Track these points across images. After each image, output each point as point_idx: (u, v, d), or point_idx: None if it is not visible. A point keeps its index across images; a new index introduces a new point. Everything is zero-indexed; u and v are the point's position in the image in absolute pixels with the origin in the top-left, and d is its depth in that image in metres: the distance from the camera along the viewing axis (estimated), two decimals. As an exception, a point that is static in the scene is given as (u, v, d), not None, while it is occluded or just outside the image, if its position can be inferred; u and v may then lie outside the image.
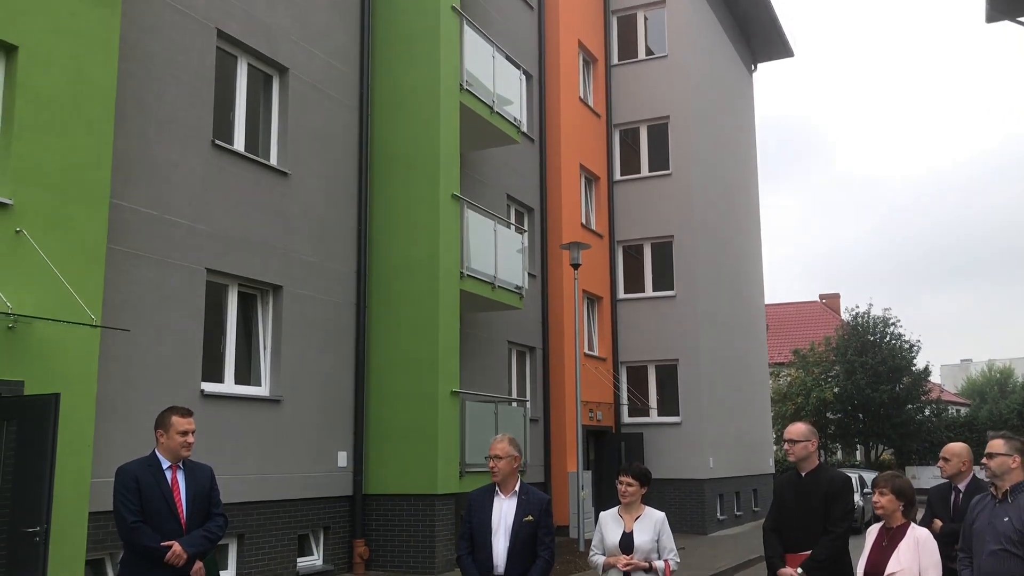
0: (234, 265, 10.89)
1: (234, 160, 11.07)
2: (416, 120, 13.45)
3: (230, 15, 11.16)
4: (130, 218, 9.52)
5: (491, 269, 14.43)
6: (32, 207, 7.90)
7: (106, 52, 8.76)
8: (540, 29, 19.87)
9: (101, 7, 8.73)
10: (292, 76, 12.19)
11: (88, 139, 8.47)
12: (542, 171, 19.28)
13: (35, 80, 8.06)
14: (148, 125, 9.87)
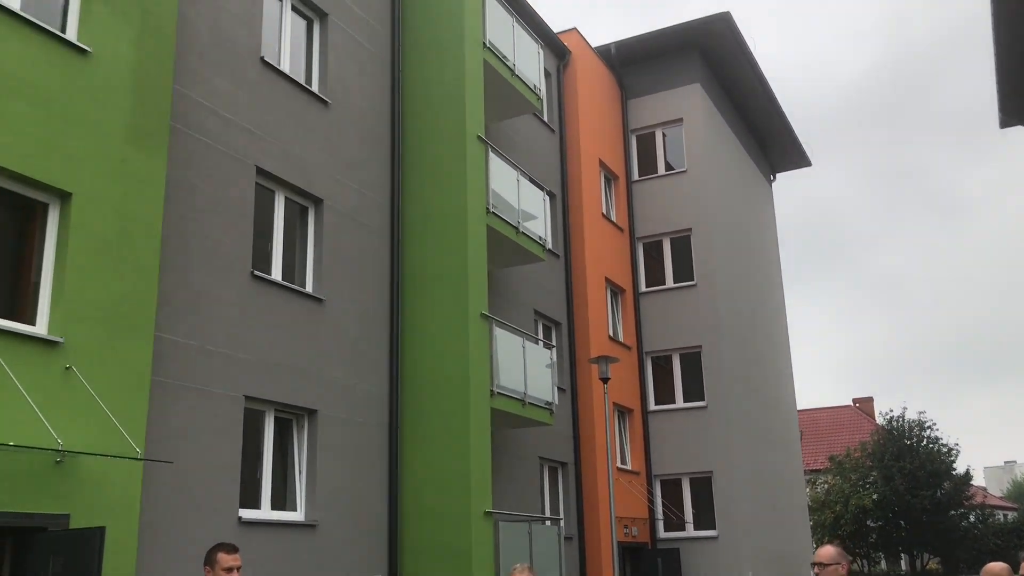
0: (271, 391, 11.15)
1: (272, 289, 11.47)
2: (445, 242, 13.88)
3: (268, 152, 11.75)
4: (172, 350, 9.84)
5: (521, 386, 14.59)
6: (81, 344, 8.25)
7: (153, 193, 9.27)
8: (562, 150, 20.57)
9: (149, 152, 9.29)
10: (326, 207, 12.70)
11: (135, 276, 8.89)
12: (568, 286, 19.63)
13: (87, 223, 8.53)
14: (191, 259, 10.31)
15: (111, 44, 9.11)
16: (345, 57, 13.66)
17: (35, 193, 8.36)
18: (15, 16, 8.23)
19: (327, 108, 13.03)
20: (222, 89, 11.15)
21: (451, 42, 14.70)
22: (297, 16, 13.16)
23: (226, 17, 11.42)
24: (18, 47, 8.21)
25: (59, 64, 8.55)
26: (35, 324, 8.14)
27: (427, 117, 14.56)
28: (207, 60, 10.99)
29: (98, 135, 8.79)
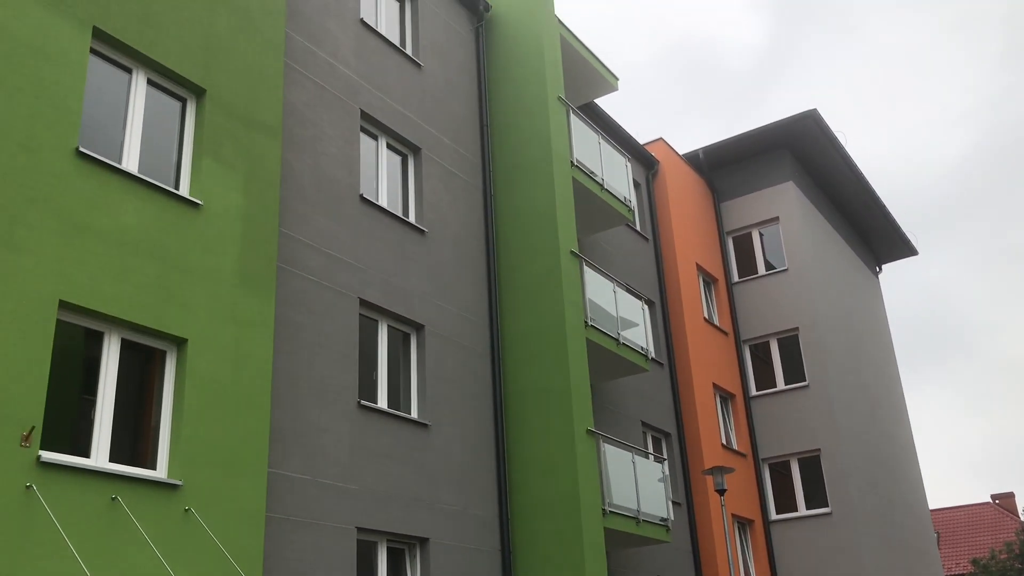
0: (382, 521, 11.16)
1: (378, 417, 11.62)
2: (546, 359, 13.88)
3: (370, 284, 12.11)
4: (285, 485, 10.00)
5: (634, 503, 14.22)
6: (198, 485, 8.47)
7: (263, 333, 9.62)
8: (658, 258, 20.56)
9: (258, 294, 9.69)
10: (428, 332, 12.93)
11: (248, 415, 9.15)
12: (675, 395, 19.27)
13: (202, 367, 8.89)
14: (300, 393, 10.57)
15: (220, 196, 9.67)
16: (439, 187, 14.13)
17: (154, 342, 8.79)
18: (133, 178, 8.84)
19: (424, 237, 13.42)
20: (325, 228, 11.63)
21: (540, 164, 15.07)
22: (392, 153, 13.74)
23: (326, 160, 12.01)
24: (137, 205, 8.78)
25: (173, 218, 9.10)
26: (156, 468, 8.42)
27: (521, 237, 14.84)
28: (309, 201, 11.53)
29: (211, 282, 9.25)
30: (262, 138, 10.42)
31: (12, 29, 8.13)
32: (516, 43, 16.17)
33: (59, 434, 7.85)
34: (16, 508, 7.11)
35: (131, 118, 9.30)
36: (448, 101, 14.99)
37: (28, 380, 7.46)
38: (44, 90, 8.27)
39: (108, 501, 7.76)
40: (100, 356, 8.37)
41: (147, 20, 9.46)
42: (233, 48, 10.39)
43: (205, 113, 9.86)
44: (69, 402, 8.05)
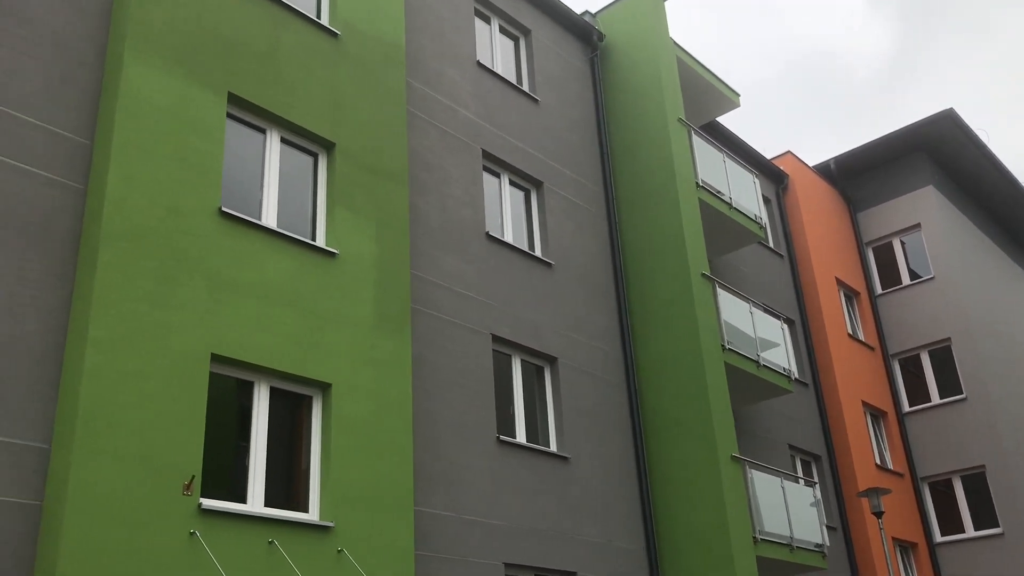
0: (529, 556, 11.14)
1: (518, 452, 11.65)
2: (683, 386, 13.63)
3: (501, 319, 12.23)
4: (432, 523, 10.14)
5: (785, 529, 13.70)
6: (349, 526, 8.69)
7: (401, 374, 9.84)
8: (794, 274, 19.95)
9: (394, 337, 9.93)
10: (561, 364, 12.92)
11: (392, 456, 9.35)
12: (823, 416, 18.54)
13: (346, 411, 9.15)
14: (440, 431, 10.72)
15: (354, 244, 9.99)
16: (563, 218, 14.17)
17: (301, 388, 9.12)
18: (273, 232, 9.25)
19: (551, 269, 13.47)
20: (454, 267, 11.84)
21: (665, 188, 14.92)
22: (515, 189, 13.90)
23: (451, 201, 12.26)
24: (277, 259, 9.18)
25: (312, 268, 9.46)
26: (308, 511, 8.69)
27: (649, 263, 14.69)
28: (438, 242, 11.77)
29: (350, 327, 9.54)
30: (390, 185, 10.74)
31: (157, 101, 8.69)
32: (632, 69, 16.14)
33: (217, 482, 8.22)
34: (182, 554, 7.47)
35: (267, 176, 9.76)
36: (567, 133, 15.07)
37: (186, 431, 7.86)
38: (188, 156, 8.78)
39: (266, 544, 8.05)
40: (251, 404, 8.74)
41: (276, 82, 9.93)
42: (358, 101, 10.77)
43: (336, 165, 10.24)
44: (224, 450, 8.43)
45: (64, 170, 8.28)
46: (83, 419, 7.26)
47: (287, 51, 10.18)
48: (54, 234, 8.03)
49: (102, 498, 7.15)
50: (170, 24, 9.07)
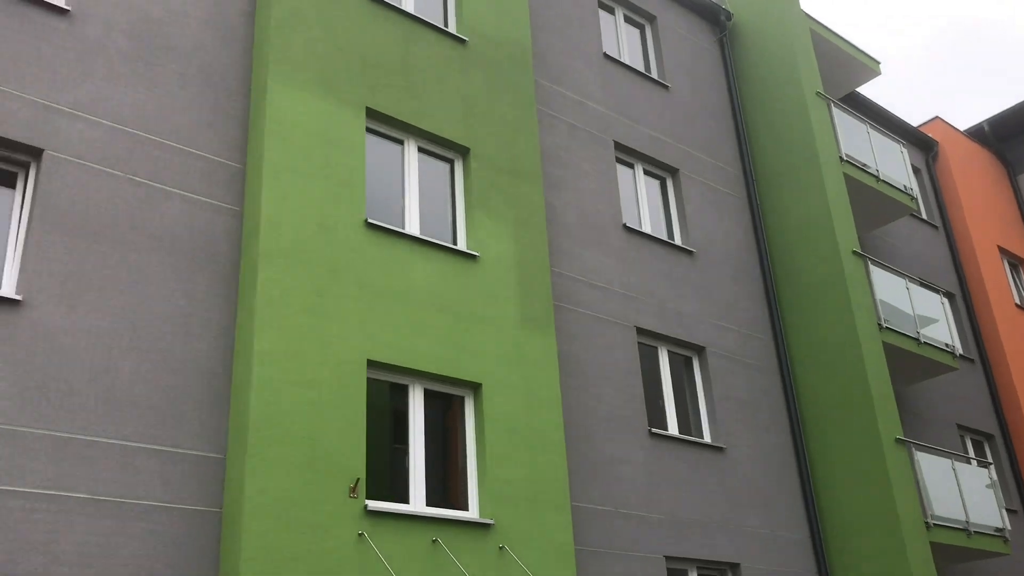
0: (690, 549, 11.00)
1: (671, 444, 11.52)
2: (840, 368, 13.15)
3: (645, 311, 12.12)
4: (589, 518, 10.16)
5: (960, 513, 13.00)
6: (509, 523, 8.82)
7: (549, 372, 9.91)
8: (951, 245, 18.90)
9: (540, 335, 10.01)
10: (709, 353, 12.70)
11: (545, 452, 9.43)
12: (993, 393, 17.48)
13: (498, 409, 9.29)
14: (591, 426, 10.74)
15: (494, 245, 10.13)
16: (702, 205, 13.92)
17: (453, 389, 9.32)
18: (416, 239, 9.49)
19: (693, 257, 13.25)
20: (594, 261, 11.82)
21: (807, 166, 14.43)
22: (650, 178, 13.75)
23: (586, 196, 12.24)
24: (422, 264, 9.42)
25: (455, 272, 9.65)
26: (468, 509, 8.88)
27: (796, 245, 14.24)
28: (576, 238, 11.78)
29: (496, 328, 9.68)
30: (524, 185, 10.83)
31: (301, 122, 9.07)
32: (764, 46, 15.69)
33: (379, 483, 8.50)
34: (352, 554, 7.77)
35: (408, 184, 10.02)
36: (700, 117, 14.80)
37: (349, 436, 8.17)
38: (333, 172, 9.12)
39: (429, 543, 8.27)
40: (407, 407, 8.99)
41: (410, 93, 10.19)
42: (489, 104, 10.92)
43: (471, 170, 10.42)
44: (383, 452, 8.71)
45: (222, 194, 8.76)
46: (254, 429, 7.66)
47: (419, 62, 10.42)
48: (217, 255, 8.51)
49: (276, 504, 7.52)
50: (309, 47, 9.45)
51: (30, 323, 7.24)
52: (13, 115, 7.76)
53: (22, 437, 6.91)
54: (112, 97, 8.40)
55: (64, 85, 8.14)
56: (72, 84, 8.20)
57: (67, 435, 7.12)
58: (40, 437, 6.99)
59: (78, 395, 7.29)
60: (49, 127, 7.92)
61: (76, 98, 8.17)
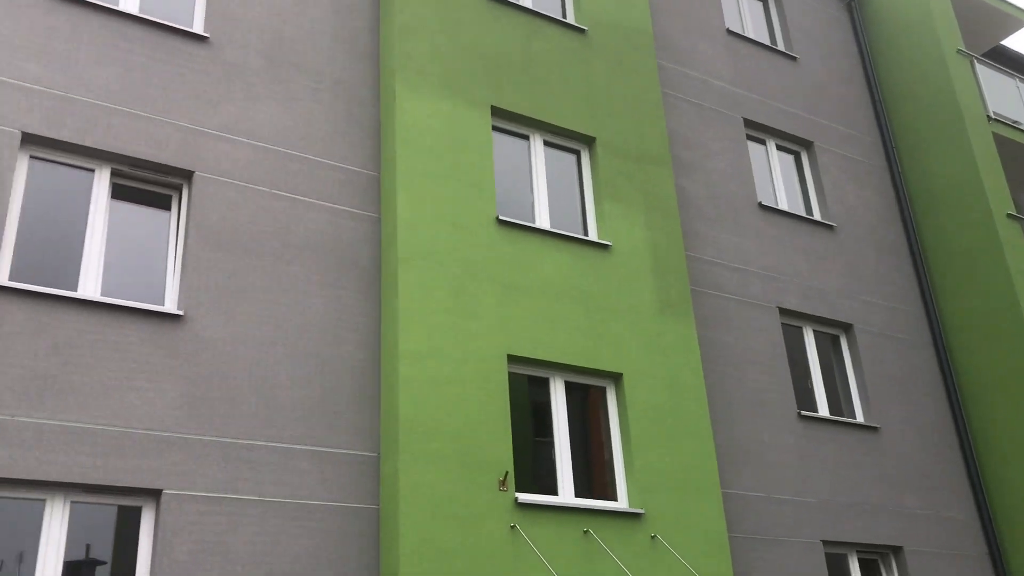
0: (849, 532, 10.65)
1: (822, 426, 11.17)
2: (1000, 341, 12.42)
3: (786, 291, 11.79)
4: (741, 505, 9.97)
5: None
6: (659, 512, 8.76)
7: (691, 358, 9.77)
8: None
9: (679, 321, 9.89)
10: (857, 330, 12.23)
11: (692, 439, 9.31)
12: None
13: (640, 399, 9.24)
14: (737, 411, 10.52)
15: (626, 233, 10.06)
16: (839, 177, 13.42)
17: (593, 380, 9.32)
18: (548, 233, 9.53)
19: (834, 232, 12.79)
20: (730, 243, 11.58)
21: (950, 128, 13.69)
22: (783, 153, 13.35)
23: (717, 176, 12.00)
24: (555, 258, 9.45)
25: (589, 263, 9.64)
26: (617, 500, 8.87)
27: (943, 211, 13.54)
28: (709, 220, 11.56)
29: (633, 316, 9.62)
30: (653, 170, 10.71)
31: (430, 126, 9.26)
32: (896, 6, 14.97)
33: (525, 476, 8.59)
34: (505, 547, 7.89)
35: (536, 179, 10.07)
36: (832, 86, 14.26)
37: (495, 430, 8.30)
38: (462, 172, 9.27)
39: (580, 534, 8.30)
40: (549, 400, 9.05)
41: (533, 87, 10.23)
42: (612, 92, 10.85)
43: (598, 159, 10.37)
44: (527, 445, 8.80)
45: (359, 202, 9.04)
46: (404, 427, 7.88)
47: (540, 56, 10.46)
48: (358, 261, 8.79)
49: (430, 499, 7.72)
50: (432, 52, 9.63)
51: (192, 336, 7.68)
52: (165, 141, 8.24)
53: (192, 444, 7.33)
54: (252, 116, 8.80)
55: (208, 108, 8.58)
56: (215, 107, 8.63)
57: (232, 440, 7.51)
58: (208, 443, 7.40)
59: (240, 402, 7.68)
60: (197, 150, 8.36)
61: (219, 120, 8.60)
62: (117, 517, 7.06)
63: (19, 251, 7.44)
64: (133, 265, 7.91)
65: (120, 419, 7.12)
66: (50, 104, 7.82)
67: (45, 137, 7.73)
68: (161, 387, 7.37)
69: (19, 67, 7.80)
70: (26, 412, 6.79)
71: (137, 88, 8.30)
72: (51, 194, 7.79)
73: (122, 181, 8.17)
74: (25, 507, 6.74)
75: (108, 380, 7.18)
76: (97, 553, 6.92)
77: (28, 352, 6.96)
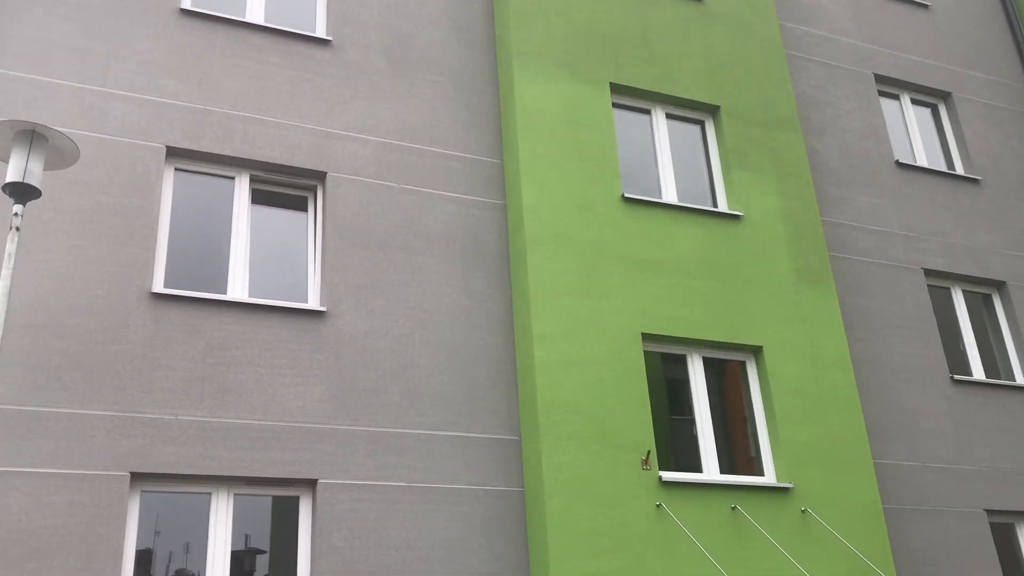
0: (1016, 501, 10.09)
1: (978, 391, 10.61)
2: None
3: (930, 250, 11.24)
4: (895, 474, 9.60)
5: None
6: (808, 486, 8.53)
7: (833, 326, 9.45)
8: None
9: (818, 289, 9.57)
10: (1010, 288, 11.54)
11: (839, 410, 9.02)
12: None
13: (782, 371, 9.00)
14: (885, 378, 10.12)
15: (757, 202, 9.80)
16: (982, 127, 12.66)
17: (732, 354, 9.14)
18: (676, 207, 9.38)
19: (979, 186, 12.10)
20: (867, 205, 11.12)
21: (1105, 63, 12.71)
22: (918, 107, 12.71)
23: (851, 136, 11.53)
24: (685, 232, 9.30)
25: (720, 235, 9.44)
26: (763, 475, 8.68)
27: (1103, 154, 12.59)
28: (844, 183, 11.13)
29: (770, 287, 9.37)
30: (782, 134, 10.38)
31: (550, 109, 9.25)
32: (1036, -61, 13.98)
33: (666, 454, 8.52)
34: (652, 525, 7.85)
35: (659, 153, 9.93)
36: (969, 32, 13.46)
37: (633, 409, 8.25)
38: (585, 152, 9.22)
39: (727, 511, 8.18)
40: (687, 377, 8.93)
41: (652, 60, 10.07)
42: (734, 58, 10.56)
43: (723, 128, 10.13)
44: (664, 423, 8.71)
45: (485, 190, 9.13)
46: (543, 410, 7.94)
47: (658, 28, 10.28)
48: (487, 249, 8.89)
49: (574, 480, 7.75)
50: (548, 34, 9.60)
51: (335, 331, 7.95)
52: (297, 145, 8.53)
53: (342, 435, 7.60)
54: (377, 114, 9.01)
55: (335, 110, 8.84)
56: (342, 108, 8.87)
57: (379, 429, 7.75)
58: (357, 433, 7.66)
59: (383, 392, 7.90)
60: (328, 151, 8.63)
61: (347, 120, 8.84)
62: (272, 507, 7.40)
63: (171, 259, 7.86)
64: (276, 266, 8.24)
65: (274, 414, 7.44)
66: (189, 117, 8.21)
67: (187, 149, 8.13)
68: (309, 381, 7.66)
69: (158, 84, 8.22)
70: (188, 411, 7.18)
71: (268, 95, 8.62)
72: (196, 203, 8.19)
73: (260, 186, 8.51)
74: (191, 500, 7.15)
75: (260, 377, 7.52)
76: (256, 542, 7.28)
77: (186, 354, 7.36)
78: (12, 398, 6.73)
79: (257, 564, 7.20)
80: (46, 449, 6.68)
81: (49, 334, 7.01)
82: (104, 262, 7.40)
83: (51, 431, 6.74)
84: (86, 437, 6.81)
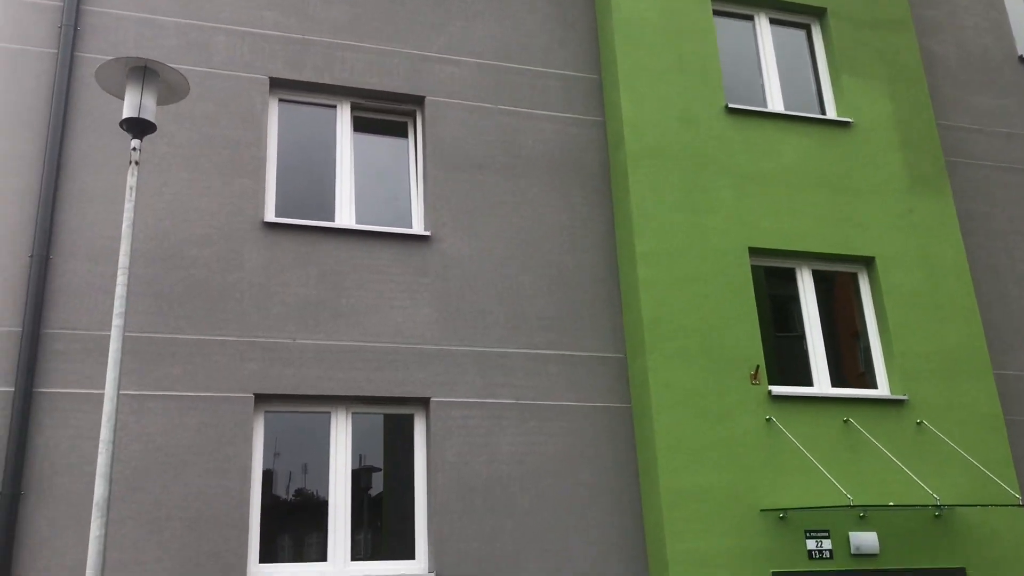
0: None
1: (1109, 297, 10.08)
2: None
3: (1058, 152, 10.61)
4: (1017, 385, 9.26)
5: None
6: (924, 397, 8.33)
7: (950, 234, 9.08)
8: None
9: (933, 196, 9.19)
10: None
11: (956, 320, 8.72)
12: None
13: (896, 282, 8.73)
14: (1008, 288, 9.70)
15: (868, 108, 9.39)
16: (1118, 15, 11.74)
17: (843, 266, 8.90)
18: (782, 116, 9.08)
19: (1114, 79, 11.27)
20: (986, 106, 10.53)
21: None
22: (1045, -3, 11.85)
23: (967, 33, 10.87)
24: (793, 142, 9.00)
25: (829, 144, 9.11)
26: (877, 387, 8.51)
27: None
28: (961, 83, 10.54)
29: (882, 196, 9.04)
30: (893, 36, 9.86)
31: (648, 19, 9.00)
32: None
33: (773, 369, 8.41)
34: (762, 438, 7.81)
35: (764, 61, 9.58)
36: (1103, -89, 12.39)
37: (741, 324, 8.16)
38: (686, 63, 8.97)
39: (839, 424, 8.07)
40: (795, 291, 8.75)
41: (754, -37, 9.65)
42: (841, -45, 10.02)
43: (831, 32, 9.69)
44: (771, 338, 8.58)
45: (583, 107, 9.01)
46: (648, 327, 7.92)
47: (757, -72, 9.81)
48: (587, 167, 8.81)
49: (682, 396, 7.76)
50: (643, -59, 9.29)
51: (440, 255, 8.06)
52: (395, 70, 8.56)
53: (451, 356, 7.77)
54: (472, 35, 8.94)
55: (430, 33, 8.80)
56: (436, 31, 8.83)
57: (485, 349, 7.88)
58: (465, 354, 7.81)
59: (489, 313, 8.02)
60: (425, 75, 8.63)
61: (442, 43, 8.80)
62: (384, 426, 7.66)
63: (280, 189, 8.07)
64: (380, 192, 8.37)
65: (386, 336, 7.65)
66: (290, 47, 8.32)
67: (289, 80, 8.26)
68: (418, 304, 7.83)
69: (258, 16, 8.33)
70: (305, 335, 7.45)
71: (364, 22, 8.64)
72: (300, 133, 8.35)
73: (362, 114, 8.60)
74: (308, 423, 7.46)
75: (371, 301, 7.72)
76: (371, 460, 7.57)
77: (299, 281, 7.60)
78: (142, 326, 7.11)
79: (373, 481, 7.50)
80: (175, 374, 7.05)
81: (171, 265, 7.33)
82: (218, 193, 7.65)
83: (178, 356, 7.10)
84: (211, 361, 7.16)
